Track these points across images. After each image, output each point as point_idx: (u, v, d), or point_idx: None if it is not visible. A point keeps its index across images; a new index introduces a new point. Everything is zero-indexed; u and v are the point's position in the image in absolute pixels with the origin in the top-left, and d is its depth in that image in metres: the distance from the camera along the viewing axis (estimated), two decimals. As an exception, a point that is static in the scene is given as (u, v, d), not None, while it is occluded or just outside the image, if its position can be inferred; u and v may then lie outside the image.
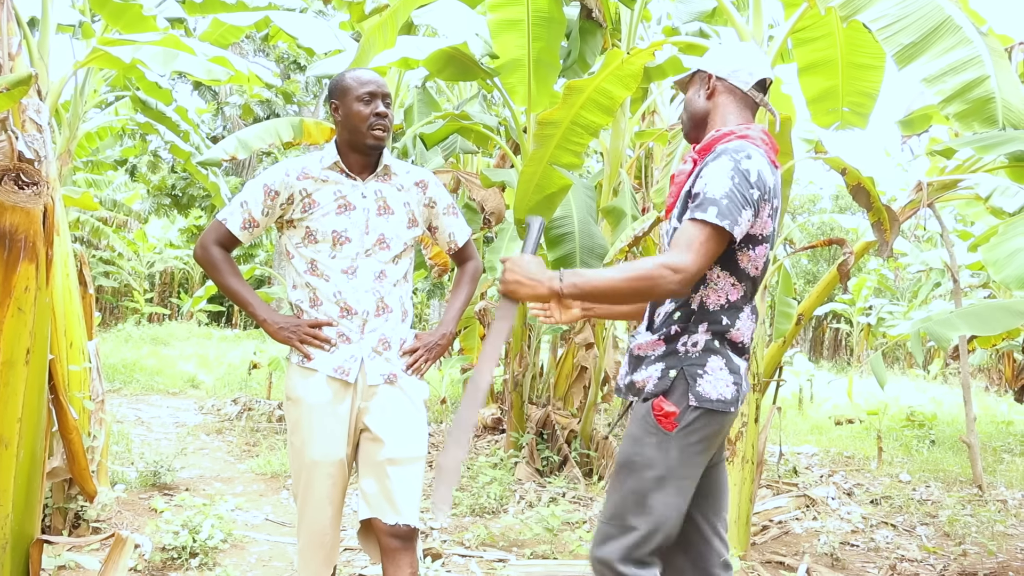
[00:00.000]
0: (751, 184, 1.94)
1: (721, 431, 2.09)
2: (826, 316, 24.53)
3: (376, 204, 2.42)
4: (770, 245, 2.06)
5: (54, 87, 4.69)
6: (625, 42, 6.28)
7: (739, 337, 2.07)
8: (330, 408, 2.36)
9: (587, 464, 6.08)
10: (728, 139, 2.08)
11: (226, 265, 2.41)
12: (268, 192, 2.38)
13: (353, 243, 2.38)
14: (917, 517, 5.43)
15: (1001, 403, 13.39)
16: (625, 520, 2.05)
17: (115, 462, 5.27)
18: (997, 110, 2.66)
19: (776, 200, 2.03)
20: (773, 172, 2.03)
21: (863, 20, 2.96)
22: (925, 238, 16.58)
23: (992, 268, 2.62)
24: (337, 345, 2.37)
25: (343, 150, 2.42)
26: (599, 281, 1.92)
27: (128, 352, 12.88)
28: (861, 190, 4.30)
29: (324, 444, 2.35)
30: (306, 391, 2.36)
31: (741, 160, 1.96)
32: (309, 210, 2.37)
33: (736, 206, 1.92)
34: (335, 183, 2.40)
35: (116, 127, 10.30)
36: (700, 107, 2.19)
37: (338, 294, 2.36)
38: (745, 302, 2.08)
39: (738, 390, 2.06)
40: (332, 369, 2.35)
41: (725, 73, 2.15)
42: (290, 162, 2.43)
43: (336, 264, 2.37)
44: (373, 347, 2.39)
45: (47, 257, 2.34)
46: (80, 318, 4.01)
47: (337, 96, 2.41)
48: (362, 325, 2.38)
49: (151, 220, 21.01)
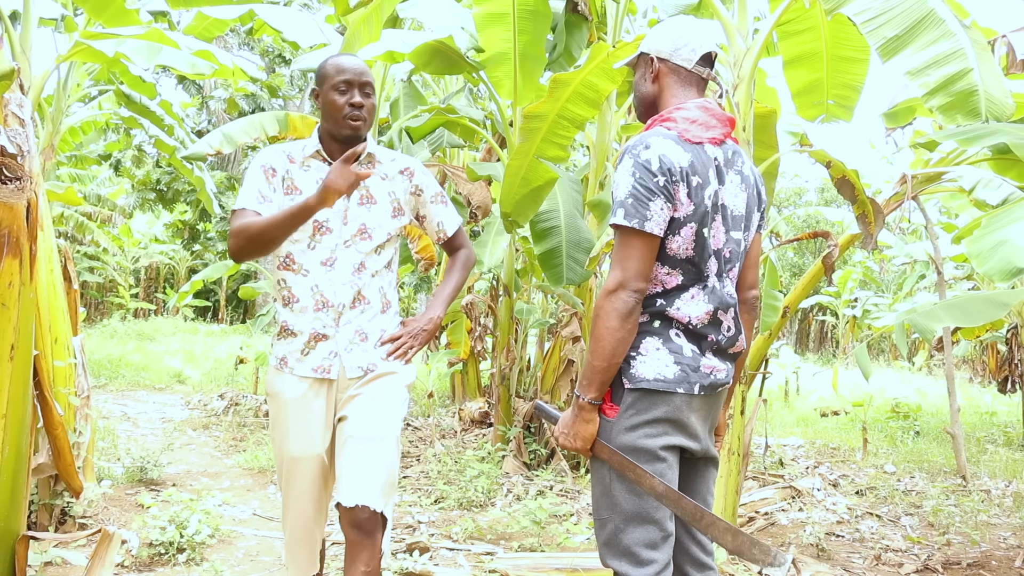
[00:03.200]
0: (653, 173, 1.93)
1: (674, 414, 2.00)
2: (812, 308, 24.67)
3: (357, 193, 2.37)
4: (698, 223, 1.99)
5: (36, 81, 4.65)
6: (611, 35, 6.28)
7: (683, 317, 2.00)
8: (307, 403, 2.32)
9: (574, 457, 6.09)
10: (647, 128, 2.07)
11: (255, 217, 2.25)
12: (267, 170, 2.34)
13: (333, 233, 2.33)
14: (902, 507, 5.47)
15: (985, 394, 13.52)
16: (600, 514, 2.06)
17: (101, 458, 5.25)
18: (980, 103, 2.68)
19: (695, 178, 1.97)
20: (686, 150, 1.98)
21: (847, 13, 2.98)
22: (910, 230, 16.69)
23: (975, 260, 2.64)
24: (315, 346, 2.32)
25: (325, 138, 2.38)
26: (592, 358, 1.96)
27: (113, 348, 12.82)
28: (846, 183, 4.32)
29: (302, 439, 2.32)
30: (283, 386, 2.33)
31: (640, 153, 1.96)
32: (291, 194, 2.33)
33: (641, 202, 1.92)
34: (316, 171, 2.36)
35: (100, 121, 10.22)
36: (647, 91, 2.16)
37: (315, 287, 2.31)
38: (690, 283, 2.03)
39: (684, 370, 1.98)
40: (310, 371, 2.32)
41: (667, 53, 2.11)
42: (280, 145, 2.42)
43: (315, 255, 2.31)
44: (350, 339, 2.34)
45: (31, 252, 2.33)
46: (65, 314, 3.98)
47: (318, 83, 2.37)
48: (337, 318, 2.32)
49: (136, 215, 20.90)
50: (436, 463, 5.79)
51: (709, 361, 2.03)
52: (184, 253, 24.36)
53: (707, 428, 2.11)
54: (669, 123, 2.04)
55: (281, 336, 2.37)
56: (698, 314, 2.01)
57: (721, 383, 2.07)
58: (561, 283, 5.46)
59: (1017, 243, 2.60)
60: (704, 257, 2.01)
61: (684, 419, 2.01)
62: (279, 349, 2.37)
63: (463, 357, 8.61)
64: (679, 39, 2.10)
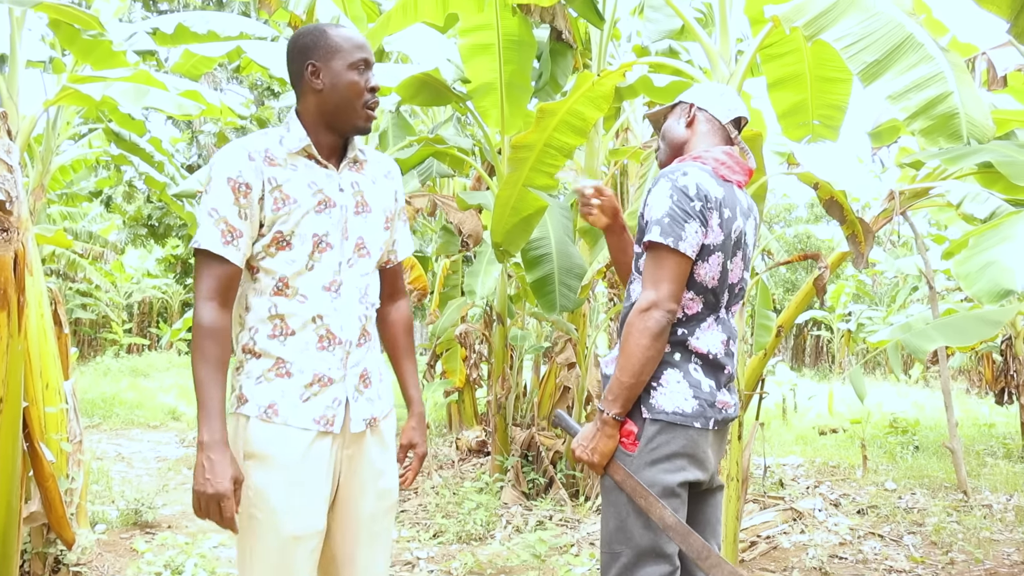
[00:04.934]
0: (690, 197, 2.01)
1: (691, 449, 2.04)
2: (807, 323, 24.69)
3: (354, 200, 1.95)
4: (724, 254, 2.08)
5: (25, 125, 4.66)
6: (596, 61, 6.33)
7: (702, 348, 2.06)
8: (309, 465, 1.87)
9: (573, 485, 6.06)
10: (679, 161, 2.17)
11: (210, 343, 1.79)
12: (237, 187, 1.82)
13: (335, 250, 1.90)
14: (904, 526, 5.45)
15: (982, 405, 13.51)
16: (612, 547, 2.06)
17: (95, 501, 5.20)
18: (961, 125, 2.70)
19: (726, 210, 2.07)
20: (720, 184, 2.09)
21: (827, 39, 3.00)
22: (900, 243, 16.77)
23: (963, 282, 2.65)
24: (317, 392, 1.89)
25: (314, 129, 1.92)
26: (620, 374, 1.99)
27: (107, 385, 12.74)
28: (834, 204, 4.33)
29: (305, 513, 1.85)
30: (275, 443, 1.84)
31: (677, 178, 2.04)
32: (282, 206, 1.85)
33: (678, 222, 1.99)
34: (305, 171, 1.90)
35: (90, 159, 10.24)
36: (679, 134, 2.27)
37: (319, 319, 1.87)
38: (708, 313, 2.09)
39: (701, 405, 2.03)
40: (311, 421, 1.87)
41: (706, 104, 2.25)
42: (247, 142, 1.88)
43: (315, 279, 1.88)
44: (355, 385, 1.94)
45: (19, 304, 2.32)
46: (56, 358, 3.95)
47: (319, 56, 1.88)
48: (345, 357, 1.90)
49: (128, 250, 20.88)
50: (434, 496, 5.75)
51: (723, 397, 2.10)
52: (177, 287, 24.30)
53: (717, 460, 2.18)
54: (701, 160, 2.15)
55: (269, 375, 1.86)
56: (716, 344, 2.09)
57: (732, 418, 2.14)
58: (554, 310, 5.46)
59: (1005, 264, 2.62)
60: (723, 288, 2.11)
61: (700, 453, 2.07)
62: (265, 392, 1.86)
63: (459, 386, 8.58)
64: (721, 96, 2.26)
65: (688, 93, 2.30)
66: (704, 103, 2.25)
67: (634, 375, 1.97)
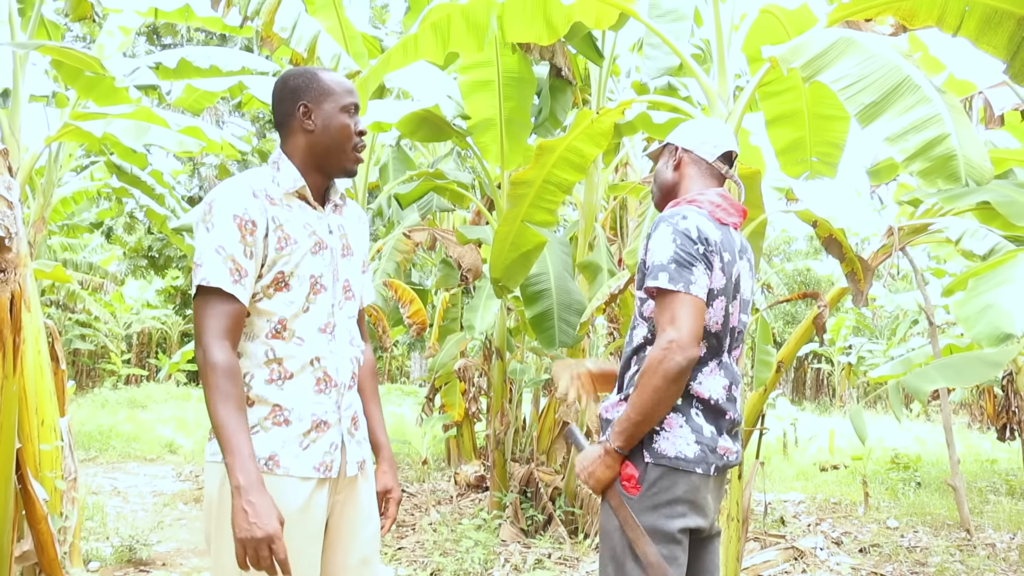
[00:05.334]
0: (693, 240, 2.01)
1: (693, 495, 2.02)
2: (807, 356, 24.64)
3: (340, 243, 1.96)
4: (726, 298, 2.07)
5: (26, 162, 4.67)
6: (595, 97, 6.37)
7: (704, 393, 2.04)
8: (309, 515, 1.82)
9: (572, 522, 6.00)
10: (674, 206, 2.16)
11: (228, 382, 1.72)
12: (243, 224, 1.78)
13: (328, 292, 1.90)
14: (906, 566, 5.38)
15: (984, 440, 13.44)
16: None
17: (89, 538, 5.15)
18: (959, 167, 2.70)
19: (726, 254, 2.07)
20: (717, 228, 2.09)
21: (824, 81, 3.02)
22: (900, 276, 16.77)
23: (963, 325, 2.64)
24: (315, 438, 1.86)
25: (303, 170, 1.90)
26: (631, 410, 1.97)
27: (104, 417, 12.67)
28: (833, 241, 4.34)
29: (302, 566, 1.80)
30: (276, 499, 1.75)
31: (678, 222, 2.03)
32: (285, 246, 1.83)
33: (685, 267, 1.98)
34: (300, 212, 1.89)
35: (92, 191, 10.28)
36: (668, 178, 2.27)
37: (317, 361, 1.85)
38: (709, 358, 2.08)
39: (703, 450, 2.01)
40: (311, 469, 1.83)
41: (691, 145, 2.24)
42: (248, 179, 1.85)
43: (311, 321, 1.85)
44: (348, 428, 1.93)
45: (14, 344, 2.30)
46: (52, 395, 3.93)
47: (311, 98, 1.88)
48: (339, 400, 1.89)
49: (128, 281, 20.90)
50: (431, 532, 5.69)
51: (725, 443, 2.08)
52: (176, 318, 24.28)
53: (716, 506, 2.16)
54: (696, 203, 2.14)
55: (266, 424, 1.81)
56: (717, 389, 2.07)
57: (732, 465, 2.12)
58: (553, 346, 5.44)
59: (1004, 307, 2.61)
60: (725, 332, 2.10)
61: (701, 500, 2.05)
62: (264, 443, 1.80)
63: (458, 420, 8.54)
64: (703, 134, 2.24)
65: (673, 134, 2.29)
66: (689, 144, 2.24)
67: (643, 414, 1.95)
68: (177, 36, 17.68)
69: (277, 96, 1.93)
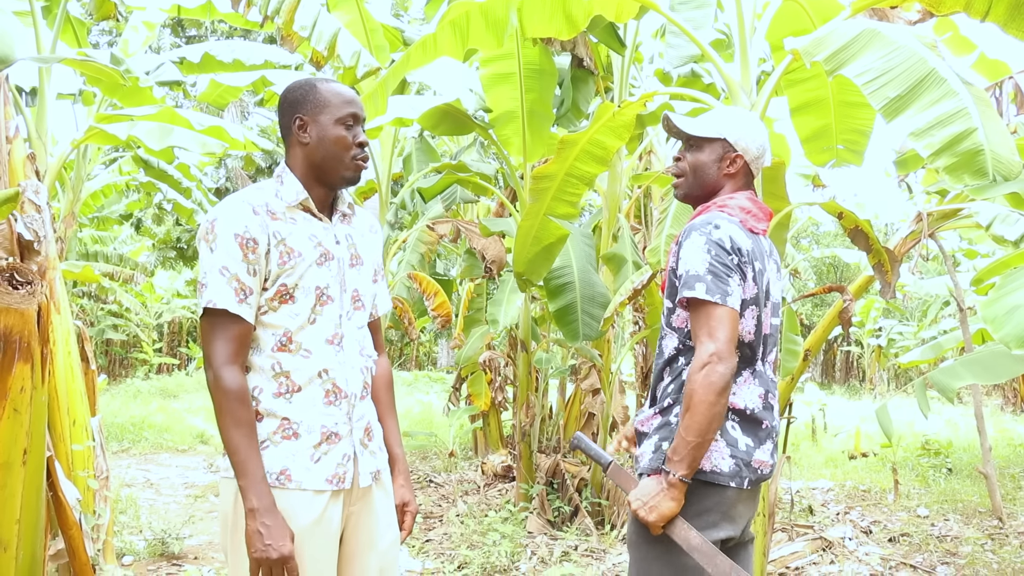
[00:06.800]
0: (727, 251, 1.99)
1: (725, 507, 2.03)
2: (836, 339, 24.39)
3: (348, 253, 1.97)
4: (758, 307, 2.06)
5: (53, 164, 4.73)
6: (618, 86, 6.32)
7: (739, 404, 2.03)
8: (324, 529, 1.84)
9: (599, 514, 6.02)
10: (704, 212, 2.12)
11: (239, 407, 1.77)
12: (244, 242, 1.80)
13: (335, 303, 1.90)
14: (937, 555, 5.34)
15: (1017, 423, 13.25)
16: None
17: (123, 531, 5.24)
18: (987, 162, 2.65)
19: (757, 263, 2.05)
20: (748, 236, 2.06)
21: (847, 74, 2.97)
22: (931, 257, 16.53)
23: (991, 325, 2.59)
24: (327, 450, 1.86)
25: (304, 182, 1.92)
26: (685, 434, 1.93)
27: (137, 408, 12.87)
28: (859, 233, 4.28)
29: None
30: (290, 513, 1.79)
31: (710, 232, 2.00)
32: (288, 260, 1.84)
33: (721, 278, 1.96)
34: (304, 224, 1.90)
35: (120, 184, 10.40)
36: (715, 180, 2.17)
37: (324, 373, 1.86)
38: (743, 367, 2.06)
39: (738, 464, 2.00)
40: (324, 481, 1.84)
41: (753, 155, 2.16)
42: (247, 196, 1.86)
43: (318, 332, 1.87)
44: (360, 439, 1.93)
45: (42, 356, 2.34)
46: (83, 395, 4.01)
47: (307, 111, 1.89)
48: (350, 411, 1.90)
49: (157, 272, 21.16)
50: (459, 524, 5.73)
51: (761, 455, 2.07)
52: (206, 307, 24.54)
53: (750, 516, 2.15)
54: (727, 210, 2.10)
55: (276, 438, 1.83)
56: (753, 399, 2.06)
57: (766, 478, 2.11)
58: (578, 339, 5.44)
59: (1033, 307, 2.56)
60: (759, 341, 2.08)
61: (733, 511, 2.05)
62: (274, 457, 1.82)
63: (484, 410, 8.56)
64: (762, 140, 2.17)
65: (730, 129, 2.13)
66: (752, 154, 2.14)
67: (700, 434, 1.91)
68: (201, 28, 17.78)
69: (279, 109, 1.95)
